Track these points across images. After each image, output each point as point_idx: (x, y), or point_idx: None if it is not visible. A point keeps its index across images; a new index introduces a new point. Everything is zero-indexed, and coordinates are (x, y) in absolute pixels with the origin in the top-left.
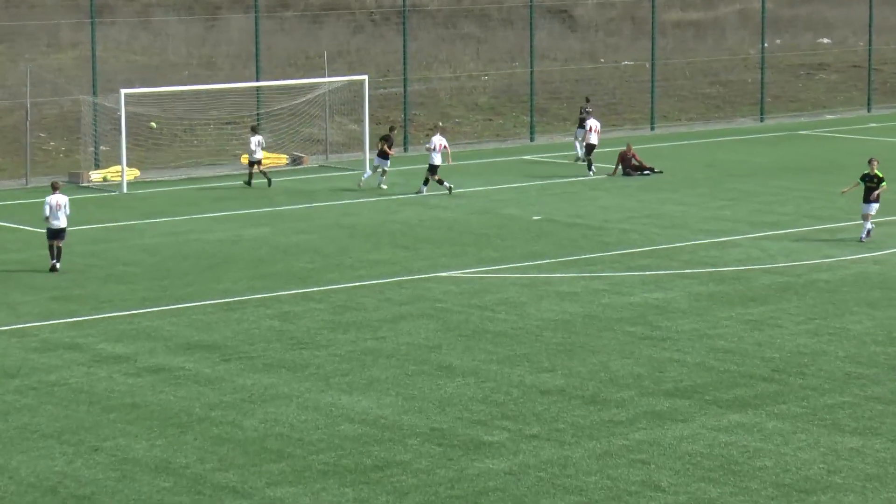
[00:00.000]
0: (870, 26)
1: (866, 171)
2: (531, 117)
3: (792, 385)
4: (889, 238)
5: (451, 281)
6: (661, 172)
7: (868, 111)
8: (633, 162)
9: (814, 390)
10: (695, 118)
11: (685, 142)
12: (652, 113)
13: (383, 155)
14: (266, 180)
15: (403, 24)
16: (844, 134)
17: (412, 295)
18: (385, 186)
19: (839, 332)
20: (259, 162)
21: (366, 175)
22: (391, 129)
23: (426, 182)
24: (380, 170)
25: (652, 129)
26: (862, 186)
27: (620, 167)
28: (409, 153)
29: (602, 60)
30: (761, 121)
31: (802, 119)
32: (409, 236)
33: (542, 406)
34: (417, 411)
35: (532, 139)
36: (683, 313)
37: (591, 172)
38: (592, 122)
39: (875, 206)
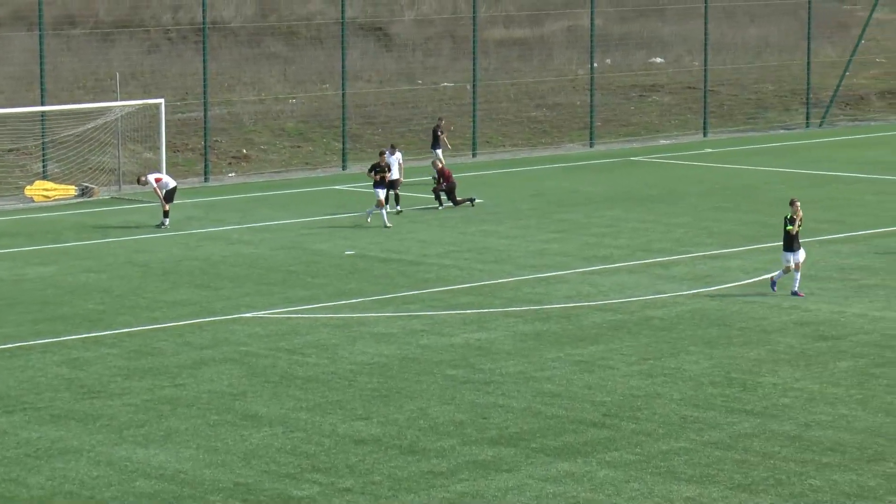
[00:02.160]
0: (705, 44)
1: (788, 215)
2: (343, 144)
3: (624, 430)
4: (726, 272)
5: (256, 322)
6: (471, 202)
7: (704, 135)
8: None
9: (647, 436)
10: (520, 144)
11: (510, 169)
12: (474, 138)
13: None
14: None
15: (203, 42)
16: (680, 160)
17: (214, 338)
18: (369, 221)
19: (674, 372)
20: None
21: (371, 211)
22: (381, 153)
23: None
24: (375, 203)
25: (474, 155)
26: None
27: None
28: (210, 183)
29: (420, 82)
30: (591, 146)
31: (635, 144)
32: (210, 274)
33: (357, 457)
34: (220, 465)
35: (344, 167)
36: (508, 355)
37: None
38: (397, 157)
39: (802, 253)
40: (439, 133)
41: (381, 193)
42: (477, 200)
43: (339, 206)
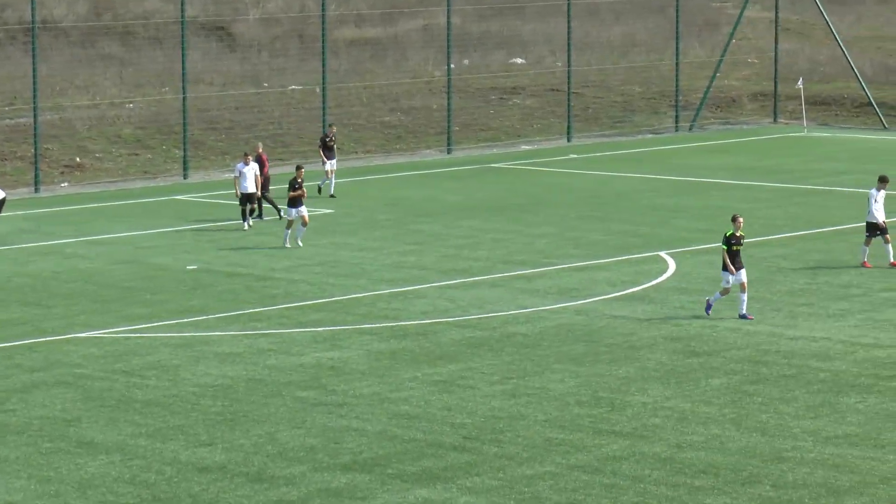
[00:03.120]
0: (568, 44)
1: (730, 232)
2: (184, 151)
3: (486, 454)
4: (593, 285)
5: (91, 342)
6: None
7: (568, 140)
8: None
9: (511, 459)
10: (373, 150)
11: (363, 177)
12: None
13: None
14: None
15: (32, 43)
16: (543, 167)
17: (46, 360)
18: (288, 244)
19: (539, 392)
20: None
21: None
22: (299, 167)
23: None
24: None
25: (323, 162)
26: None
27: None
28: (42, 194)
29: (266, 85)
30: (449, 153)
31: (495, 150)
32: (42, 291)
33: (200, 486)
34: (54, 495)
35: (185, 176)
36: (362, 374)
37: (247, 223)
38: (253, 168)
39: (744, 272)
40: (328, 142)
41: (293, 213)
42: (326, 211)
43: (180, 218)
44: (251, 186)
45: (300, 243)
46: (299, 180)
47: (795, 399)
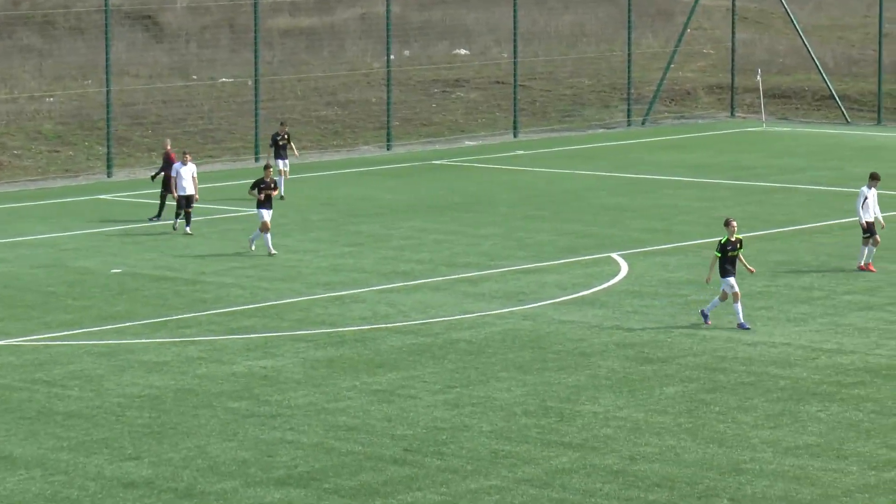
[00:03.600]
0: (514, 34)
1: (724, 238)
2: (108, 148)
3: (428, 468)
4: (540, 288)
5: (9, 351)
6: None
7: (514, 136)
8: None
9: (454, 473)
10: (309, 146)
11: (297, 175)
12: (256, 140)
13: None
14: None
15: None
16: (488, 164)
17: None
18: (253, 248)
19: (484, 401)
20: None
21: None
22: (267, 166)
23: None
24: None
25: (256, 159)
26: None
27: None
28: None
29: (195, 77)
30: (388, 149)
31: (437, 146)
32: None
33: (126, 502)
34: None
35: (110, 175)
36: (297, 384)
37: (185, 224)
38: (191, 169)
39: (734, 279)
40: (279, 141)
41: (266, 215)
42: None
43: (104, 219)
44: (190, 188)
45: (273, 250)
46: (267, 180)
47: (754, 408)
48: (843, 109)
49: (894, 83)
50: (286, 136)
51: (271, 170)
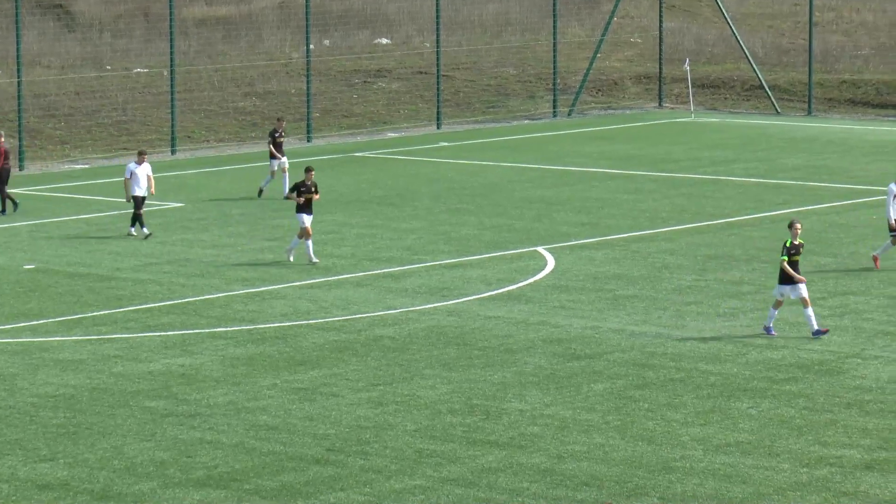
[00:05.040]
0: (437, 23)
1: (789, 241)
2: (20, 140)
3: (351, 467)
4: (465, 283)
5: None
6: (15, 206)
7: (438, 127)
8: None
9: (378, 473)
10: (226, 139)
11: (215, 168)
12: (172, 133)
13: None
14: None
15: None
16: (411, 156)
17: None
18: (292, 259)
19: (408, 400)
20: None
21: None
22: (308, 168)
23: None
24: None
25: (173, 152)
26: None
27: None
28: None
29: (109, 67)
30: (308, 141)
31: (359, 138)
32: None
33: None
34: None
35: (21, 167)
36: (216, 382)
37: (133, 230)
38: (146, 169)
39: (804, 286)
40: (278, 137)
41: (307, 220)
42: (175, 205)
43: (15, 213)
44: (144, 188)
45: (315, 258)
46: (308, 182)
47: (684, 405)
48: (773, 100)
49: (825, 73)
50: (283, 133)
51: (313, 173)
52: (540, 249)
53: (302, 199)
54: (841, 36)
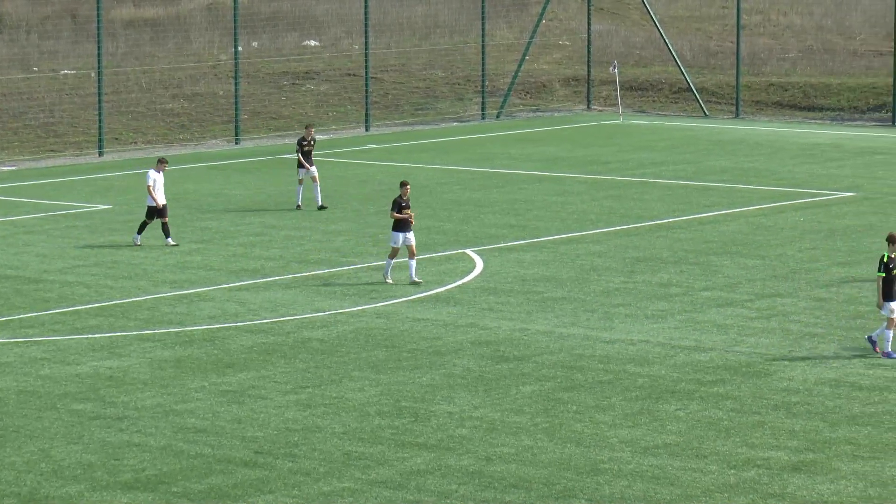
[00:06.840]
0: (365, 25)
1: (886, 255)
2: None
3: (280, 470)
4: (394, 285)
5: None
6: None
7: (366, 130)
8: None
9: (306, 475)
10: (154, 140)
11: (142, 170)
12: (100, 134)
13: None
14: None
15: None
16: (339, 157)
17: None
18: (390, 280)
19: (336, 402)
20: None
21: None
22: (404, 183)
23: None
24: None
25: (101, 154)
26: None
27: None
28: None
29: (36, 69)
30: (237, 143)
31: (287, 140)
32: None
33: None
34: None
35: None
36: (144, 385)
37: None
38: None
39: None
40: (305, 146)
41: (399, 238)
42: (102, 207)
43: None
44: (162, 197)
45: (417, 278)
46: (406, 197)
47: (612, 407)
48: (700, 102)
49: (752, 76)
50: (313, 141)
51: (408, 187)
52: (468, 251)
53: (402, 216)
54: (768, 39)
